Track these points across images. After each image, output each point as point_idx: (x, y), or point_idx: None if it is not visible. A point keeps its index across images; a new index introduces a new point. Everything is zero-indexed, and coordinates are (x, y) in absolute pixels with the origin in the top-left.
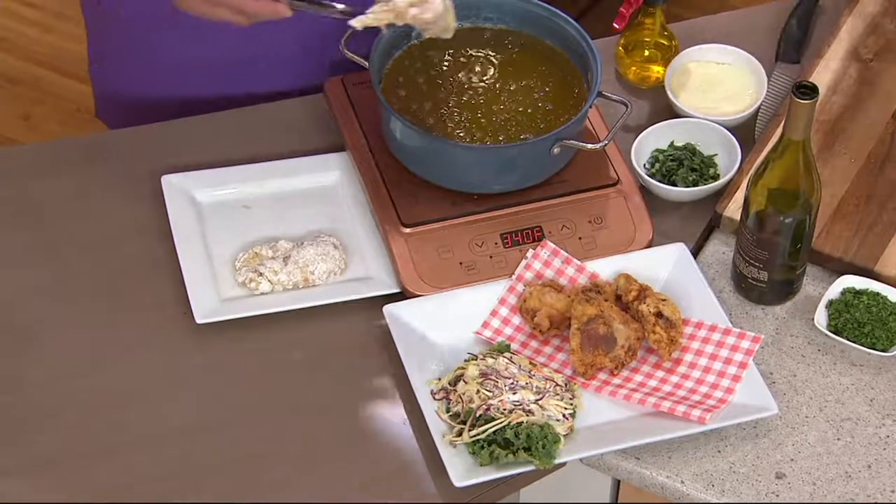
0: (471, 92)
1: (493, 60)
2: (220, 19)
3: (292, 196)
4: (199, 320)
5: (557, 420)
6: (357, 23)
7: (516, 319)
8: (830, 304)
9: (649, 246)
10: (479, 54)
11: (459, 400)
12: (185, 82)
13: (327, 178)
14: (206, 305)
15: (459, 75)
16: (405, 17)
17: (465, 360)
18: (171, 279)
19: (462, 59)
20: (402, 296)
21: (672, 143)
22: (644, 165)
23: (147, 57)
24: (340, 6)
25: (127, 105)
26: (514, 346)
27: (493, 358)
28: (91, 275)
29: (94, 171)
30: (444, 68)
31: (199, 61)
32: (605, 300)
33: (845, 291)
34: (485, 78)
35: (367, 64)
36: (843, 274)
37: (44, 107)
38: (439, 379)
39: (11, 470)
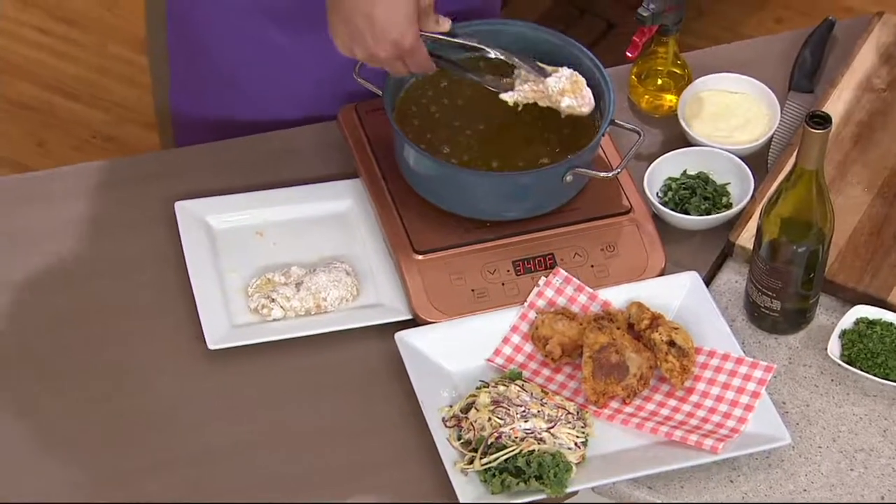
0: (485, 121)
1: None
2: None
3: (305, 223)
4: (211, 346)
5: (569, 448)
6: (507, 98)
7: (528, 347)
8: (844, 333)
9: (662, 274)
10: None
11: (471, 427)
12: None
13: (340, 204)
14: (219, 331)
15: (473, 104)
16: (556, 103)
17: (477, 388)
18: (184, 305)
19: (475, 87)
20: (414, 323)
21: (685, 171)
22: (657, 194)
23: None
24: (490, 76)
25: (206, 133)
26: (525, 373)
27: (504, 385)
28: (105, 301)
29: (109, 197)
30: (458, 96)
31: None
32: (618, 328)
33: (859, 321)
34: (498, 106)
35: (380, 92)
36: (856, 304)
37: (58, 133)
38: (451, 406)
39: (28, 496)
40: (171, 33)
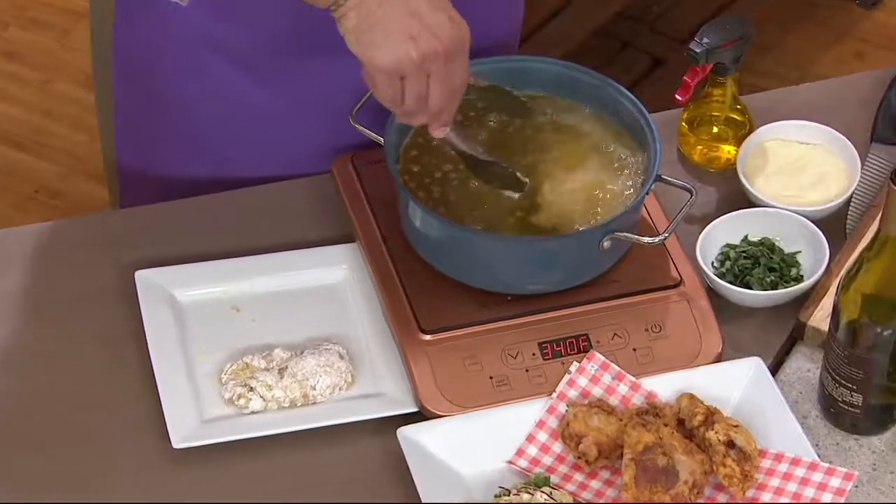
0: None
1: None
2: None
3: (290, 296)
4: (176, 445)
5: None
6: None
7: (557, 447)
8: None
9: (718, 360)
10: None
11: None
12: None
13: (332, 274)
14: (186, 427)
15: (493, 152)
16: None
17: (496, 496)
18: (144, 395)
19: (496, 133)
20: (421, 416)
21: (746, 237)
22: (712, 264)
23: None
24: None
25: (158, 192)
26: (554, 478)
27: (529, 493)
28: (50, 390)
29: (55, 266)
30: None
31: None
32: (665, 425)
33: None
34: (529, 157)
35: (381, 140)
36: None
37: None
38: None
39: None
40: (117, 72)
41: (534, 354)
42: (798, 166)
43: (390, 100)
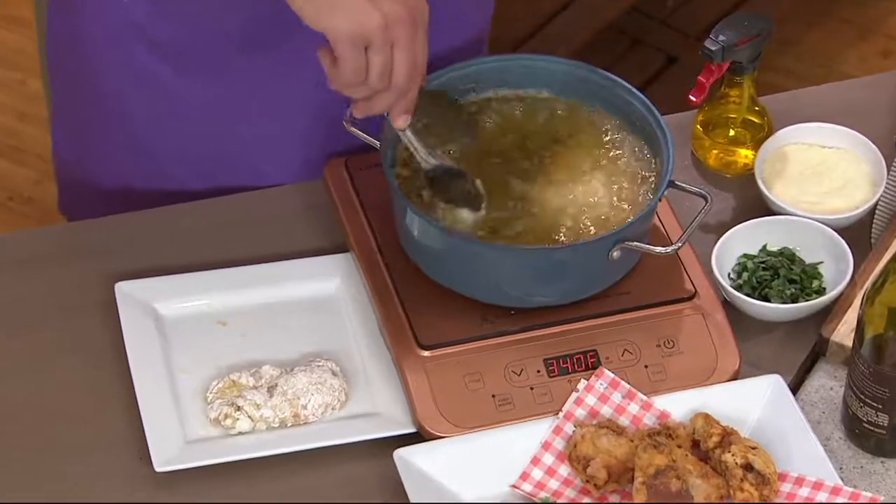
0: (512, 179)
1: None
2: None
3: (280, 309)
4: (158, 468)
5: None
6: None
7: (564, 470)
8: None
9: (735, 378)
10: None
11: None
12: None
13: (324, 286)
14: (169, 449)
15: (498, 157)
16: None
17: None
18: (125, 414)
19: (500, 135)
20: (419, 437)
21: (765, 246)
22: (729, 275)
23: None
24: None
25: (99, 197)
26: (561, 503)
27: None
28: (24, 408)
29: (30, 277)
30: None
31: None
32: (679, 447)
33: None
34: (530, 162)
35: (377, 143)
36: None
37: None
38: None
39: None
40: (51, 62)
41: (539, 371)
42: (820, 171)
43: (354, 73)
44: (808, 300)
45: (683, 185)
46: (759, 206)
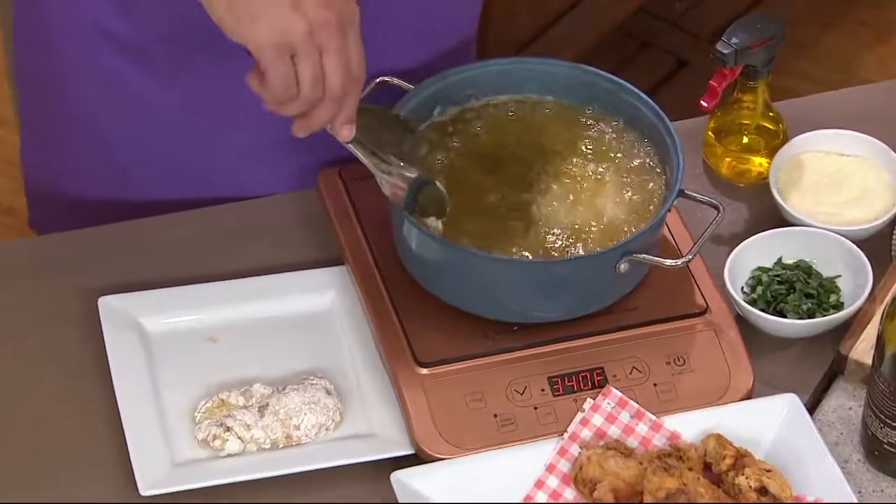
0: (513, 189)
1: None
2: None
3: (271, 325)
4: (144, 492)
5: None
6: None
7: (569, 493)
8: None
9: (749, 397)
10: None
11: None
12: (141, 183)
13: (318, 300)
14: (155, 472)
15: (500, 166)
16: None
17: None
18: (108, 435)
19: (500, 143)
20: (417, 459)
21: (780, 259)
22: (742, 289)
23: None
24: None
25: (68, 209)
26: None
27: None
28: (4, 426)
29: (9, 291)
30: (481, 156)
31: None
32: (690, 469)
33: None
34: (532, 170)
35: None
36: None
37: None
38: None
39: None
40: (18, 63)
41: (543, 390)
42: (837, 180)
43: (283, 86)
44: (825, 315)
45: (694, 194)
46: (774, 217)
